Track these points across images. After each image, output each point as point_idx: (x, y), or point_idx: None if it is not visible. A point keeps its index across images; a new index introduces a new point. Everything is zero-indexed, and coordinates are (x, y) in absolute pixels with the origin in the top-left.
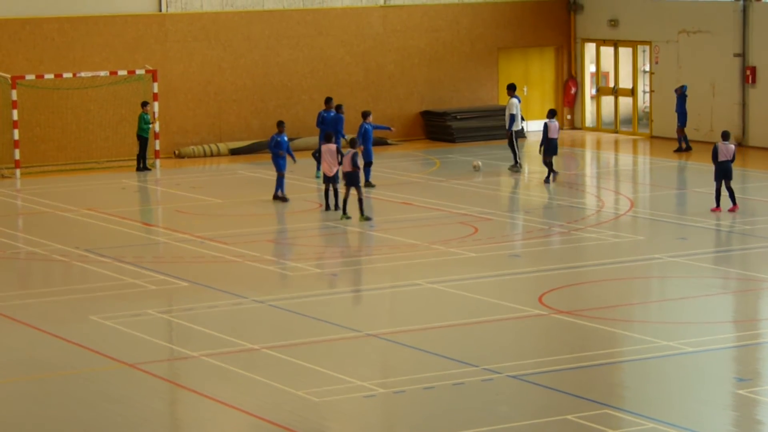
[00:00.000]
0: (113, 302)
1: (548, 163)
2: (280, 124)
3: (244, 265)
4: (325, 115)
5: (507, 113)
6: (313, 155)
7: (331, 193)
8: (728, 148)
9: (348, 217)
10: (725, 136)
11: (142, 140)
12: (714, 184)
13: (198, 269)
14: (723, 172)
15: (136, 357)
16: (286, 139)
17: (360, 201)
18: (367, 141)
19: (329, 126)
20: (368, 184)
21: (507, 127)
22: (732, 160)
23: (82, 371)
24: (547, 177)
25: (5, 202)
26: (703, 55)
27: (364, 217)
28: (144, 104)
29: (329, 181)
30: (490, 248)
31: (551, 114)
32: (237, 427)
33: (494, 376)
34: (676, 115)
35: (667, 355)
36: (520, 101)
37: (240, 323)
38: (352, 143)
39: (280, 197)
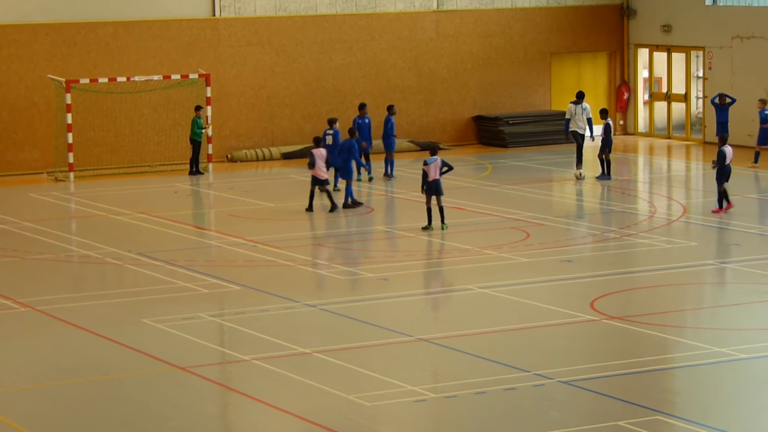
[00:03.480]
0: (166, 305)
1: (602, 159)
2: (351, 131)
3: (296, 269)
4: (360, 121)
5: (586, 117)
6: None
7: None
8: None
9: (431, 229)
10: (725, 140)
11: (195, 144)
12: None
13: (250, 273)
14: (726, 174)
15: (188, 360)
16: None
17: (441, 209)
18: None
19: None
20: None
21: (591, 134)
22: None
23: (134, 374)
24: (602, 174)
25: (59, 206)
26: (757, 61)
27: (444, 226)
28: (197, 108)
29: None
30: (542, 253)
31: (605, 114)
32: (288, 431)
33: (545, 382)
34: (717, 125)
35: (720, 362)
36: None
37: (291, 327)
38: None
39: (350, 204)
